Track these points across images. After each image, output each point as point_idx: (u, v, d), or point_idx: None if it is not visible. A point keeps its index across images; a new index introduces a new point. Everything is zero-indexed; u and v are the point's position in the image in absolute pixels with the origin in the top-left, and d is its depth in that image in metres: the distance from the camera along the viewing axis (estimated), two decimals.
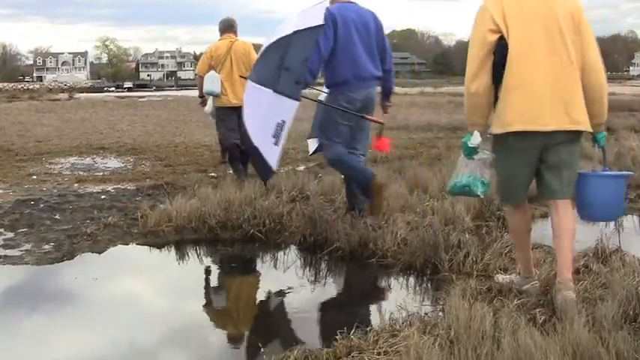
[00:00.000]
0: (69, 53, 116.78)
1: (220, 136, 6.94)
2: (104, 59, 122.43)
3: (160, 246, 4.56)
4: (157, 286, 3.96)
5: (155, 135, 12.25)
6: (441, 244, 3.81)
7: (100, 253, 4.36)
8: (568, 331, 2.48)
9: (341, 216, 4.55)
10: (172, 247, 4.55)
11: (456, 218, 4.49)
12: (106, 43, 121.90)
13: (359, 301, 3.70)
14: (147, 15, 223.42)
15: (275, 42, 4.27)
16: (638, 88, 37.23)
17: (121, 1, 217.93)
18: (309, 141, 4.88)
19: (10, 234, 4.74)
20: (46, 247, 4.41)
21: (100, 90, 66.83)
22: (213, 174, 7.27)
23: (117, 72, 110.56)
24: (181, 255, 4.43)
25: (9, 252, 4.30)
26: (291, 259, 4.27)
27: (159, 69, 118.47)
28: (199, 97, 7.00)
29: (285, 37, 4.20)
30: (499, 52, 2.99)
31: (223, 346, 3.06)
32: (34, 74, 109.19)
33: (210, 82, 6.47)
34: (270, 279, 3.94)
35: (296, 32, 4.15)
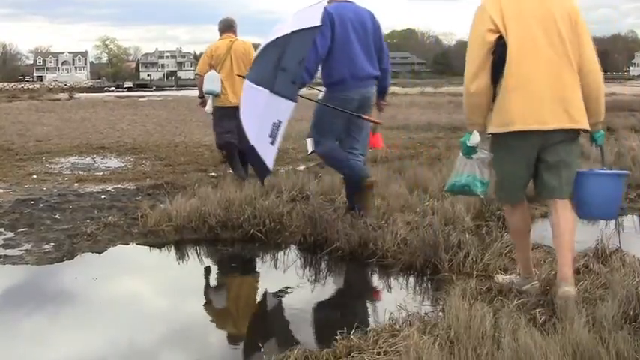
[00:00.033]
0: (69, 53, 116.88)
1: (215, 136, 6.93)
2: (104, 59, 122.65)
3: (160, 246, 4.56)
4: (157, 286, 3.96)
5: (155, 135, 12.25)
6: (441, 244, 3.81)
7: (100, 252, 4.36)
8: (568, 331, 2.49)
9: (341, 216, 4.54)
10: (172, 247, 4.55)
11: (456, 218, 4.49)
12: (106, 43, 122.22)
13: (359, 301, 3.70)
14: (147, 15, 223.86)
15: (272, 42, 4.26)
16: (638, 88, 37.23)
17: (121, 0, 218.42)
18: (308, 140, 4.88)
19: (10, 233, 4.74)
20: (46, 246, 4.41)
21: (100, 90, 66.87)
22: (213, 174, 7.27)
23: (117, 72, 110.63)
24: (181, 255, 4.43)
25: (9, 251, 4.30)
26: (291, 258, 4.26)
27: (159, 69, 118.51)
28: (199, 98, 6.98)
29: (282, 37, 4.19)
30: (497, 52, 3.01)
31: (223, 346, 3.06)
32: (35, 74, 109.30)
33: (211, 81, 6.46)
34: (270, 279, 3.94)
35: (293, 32, 4.15)
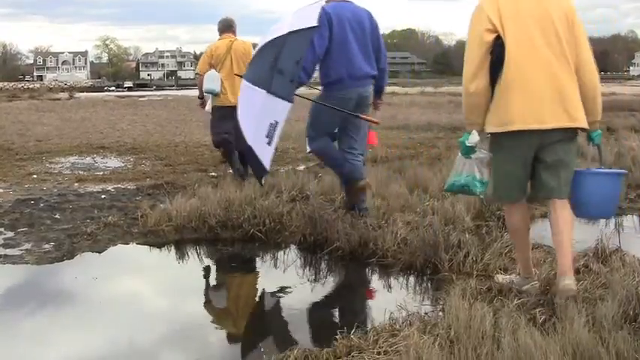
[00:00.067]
0: (69, 52, 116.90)
1: (211, 135, 6.92)
2: (104, 59, 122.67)
3: (160, 245, 4.56)
4: (157, 286, 3.96)
5: (155, 134, 12.25)
6: (441, 244, 3.81)
7: (100, 252, 4.36)
8: (568, 331, 2.49)
9: (341, 216, 4.55)
10: (172, 247, 4.55)
11: (456, 218, 4.49)
12: (106, 43, 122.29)
13: (359, 301, 3.70)
14: (147, 14, 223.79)
15: (270, 41, 4.26)
16: (638, 88, 37.24)
17: (121, 0, 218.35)
18: (307, 139, 4.89)
19: (10, 233, 4.74)
20: (46, 246, 4.41)
21: (100, 89, 66.95)
22: (213, 173, 7.27)
23: (117, 71, 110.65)
24: (181, 254, 4.43)
25: (9, 251, 4.30)
26: (291, 258, 4.26)
27: (159, 68, 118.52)
28: (199, 98, 6.97)
29: (280, 37, 4.19)
30: (495, 51, 3.02)
31: (223, 345, 3.06)
32: (35, 73, 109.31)
33: (210, 80, 6.46)
34: (270, 278, 3.94)
35: (290, 32, 4.15)
